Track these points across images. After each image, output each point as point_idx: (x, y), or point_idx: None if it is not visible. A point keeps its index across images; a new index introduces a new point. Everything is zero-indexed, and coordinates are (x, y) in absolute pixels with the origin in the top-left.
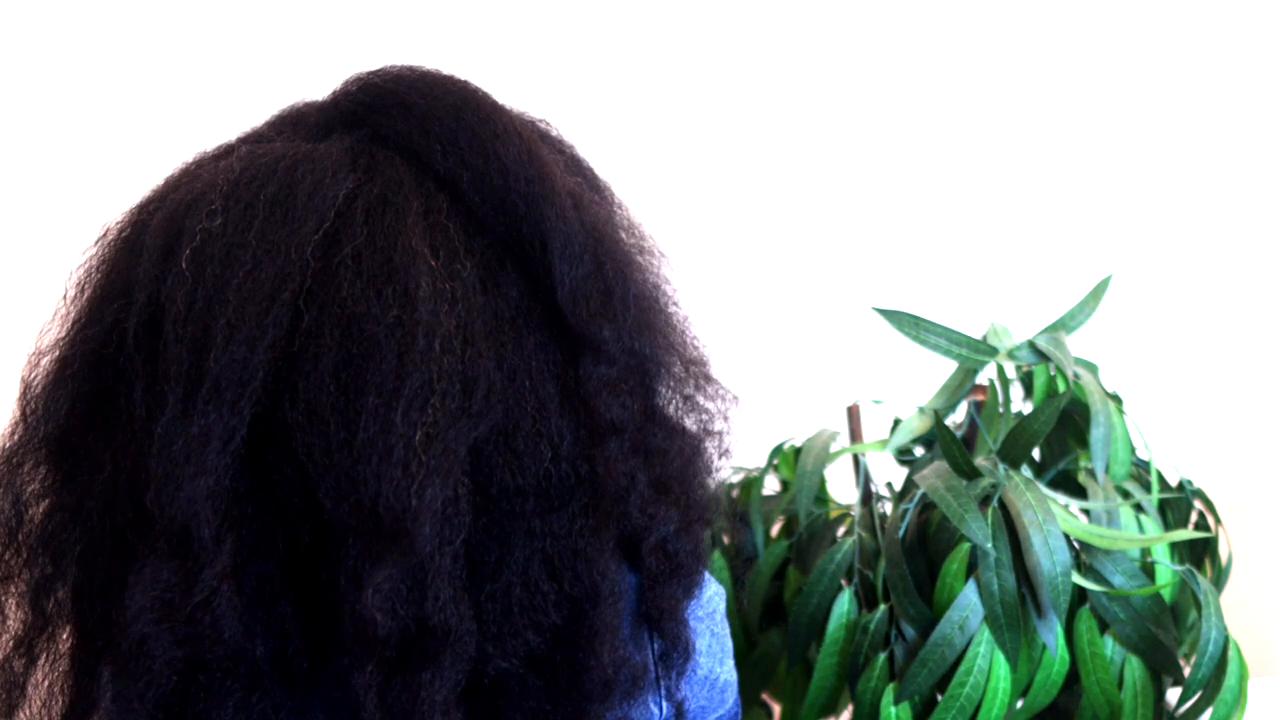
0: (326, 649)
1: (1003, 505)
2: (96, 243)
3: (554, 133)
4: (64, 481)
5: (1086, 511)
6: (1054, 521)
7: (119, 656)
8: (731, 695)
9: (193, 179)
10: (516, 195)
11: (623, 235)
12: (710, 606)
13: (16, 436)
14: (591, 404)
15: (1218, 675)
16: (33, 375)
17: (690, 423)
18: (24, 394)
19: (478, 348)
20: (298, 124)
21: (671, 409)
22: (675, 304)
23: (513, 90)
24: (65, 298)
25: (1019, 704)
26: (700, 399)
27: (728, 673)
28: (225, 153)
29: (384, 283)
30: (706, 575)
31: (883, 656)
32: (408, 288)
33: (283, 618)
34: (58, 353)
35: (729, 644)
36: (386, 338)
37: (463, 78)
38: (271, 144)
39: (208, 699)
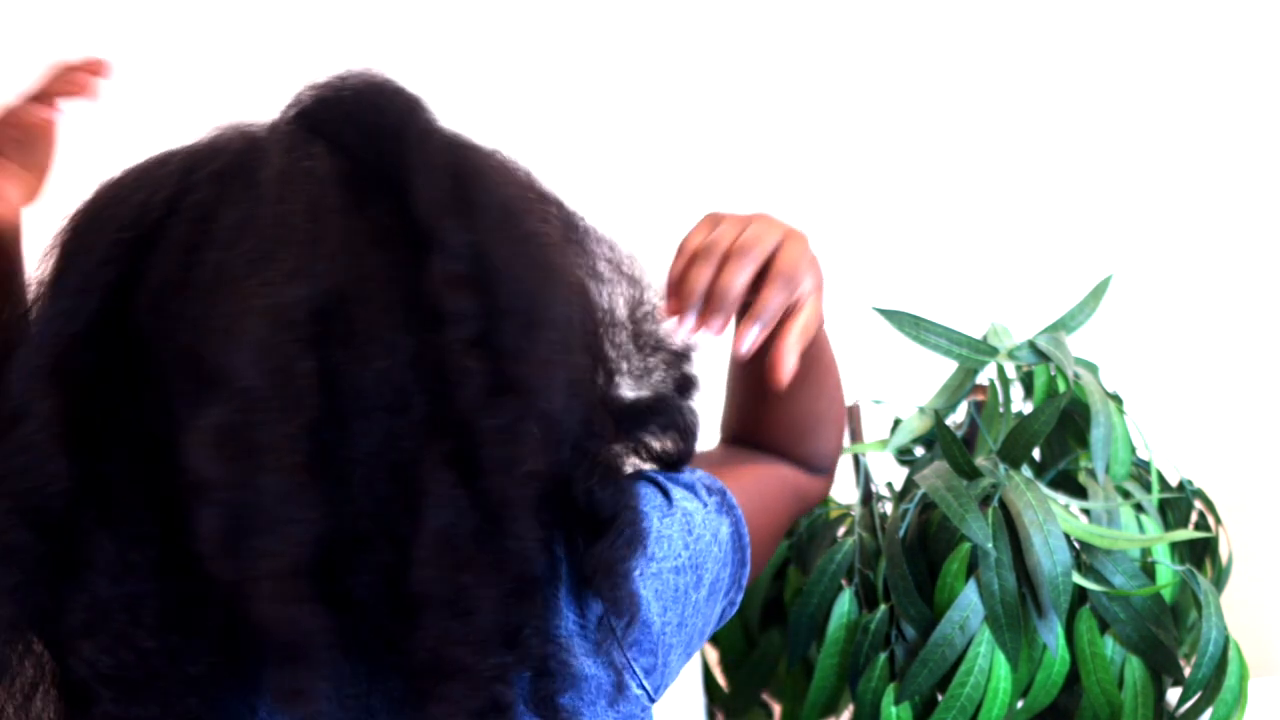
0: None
1: (1003, 505)
2: None
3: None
4: None
5: (1087, 511)
6: (1054, 521)
7: None
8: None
9: None
10: (387, 124)
11: (529, 199)
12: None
13: None
14: (435, 298)
15: (1218, 675)
16: None
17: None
18: None
19: (324, 223)
20: None
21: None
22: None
23: (512, 91)
24: None
25: (1019, 704)
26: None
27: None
28: None
29: (234, 178)
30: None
31: (883, 656)
32: (256, 176)
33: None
34: None
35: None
36: (231, 207)
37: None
38: None
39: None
